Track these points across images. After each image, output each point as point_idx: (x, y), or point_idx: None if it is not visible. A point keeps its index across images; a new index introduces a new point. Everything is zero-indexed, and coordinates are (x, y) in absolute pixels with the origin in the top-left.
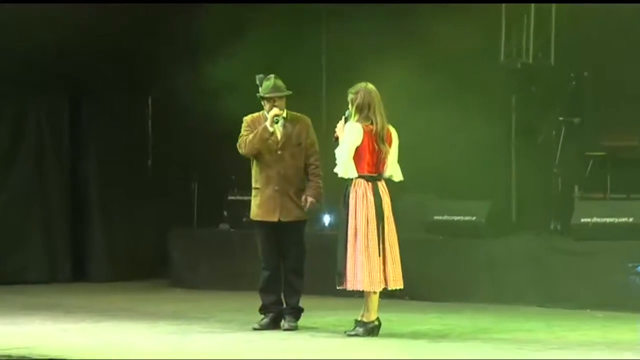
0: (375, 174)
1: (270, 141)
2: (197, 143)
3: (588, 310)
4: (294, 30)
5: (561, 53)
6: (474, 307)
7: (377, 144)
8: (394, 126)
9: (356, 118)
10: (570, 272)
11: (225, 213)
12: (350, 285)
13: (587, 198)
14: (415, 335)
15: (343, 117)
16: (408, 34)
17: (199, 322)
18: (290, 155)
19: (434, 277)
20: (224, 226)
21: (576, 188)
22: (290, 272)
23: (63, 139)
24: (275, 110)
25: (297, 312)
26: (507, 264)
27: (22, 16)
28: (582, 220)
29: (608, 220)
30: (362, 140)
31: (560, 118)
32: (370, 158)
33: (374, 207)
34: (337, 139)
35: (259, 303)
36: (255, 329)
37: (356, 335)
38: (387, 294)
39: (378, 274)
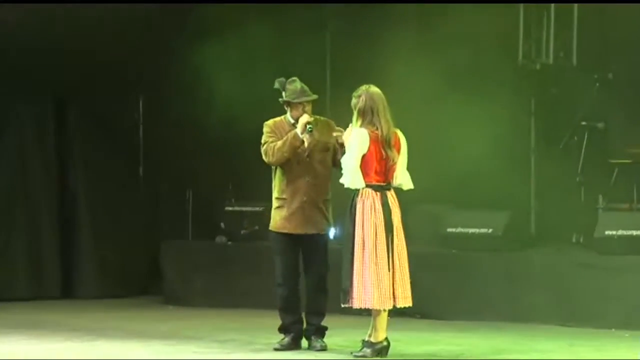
0: (384, 183)
1: (298, 149)
2: (191, 150)
3: (613, 329)
4: (297, 30)
5: (584, 53)
6: (490, 326)
7: (385, 151)
8: (404, 131)
9: (359, 123)
10: (594, 288)
11: (222, 225)
12: (357, 303)
13: (612, 209)
14: (426, 356)
15: (350, 125)
16: (418, 33)
17: (194, 342)
18: (318, 162)
19: (447, 294)
20: (220, 239)
21: (600, 198)
22: (314, 289)
23: (47, 146)
24: (306, 117)
25: (322, 331)
26: (526, 280)
27: (6, 16)
28: (607, 232)
29: (634, 232)
30: (369, 147)
31: (583, 123)
32: (377, 166)
33: (382, 219)
34: (342, 146)
35: (259, 321)
36: (276, 350)
37: (364, 356)
38: (396, 312)
39: (387, 291)
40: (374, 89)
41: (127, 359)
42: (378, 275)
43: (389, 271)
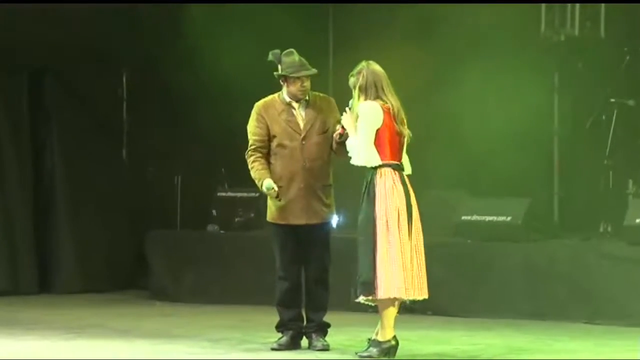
0: (399, 162)
1: (291, 129)
2: (180, 130)
3: None
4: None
5: (613, 23)
6: (508, 323)
7: (398, 125)
8: (414, 112)
9: (362, 100)
10: (623, 282)
11: (214, 212)
12: (384, 293)
13: None
14: (438, 356)
15: (347, 109)
16: (430, 2)
17: (184, 341)
18: (315, 145)
19: (461, 288)
20: (212, 228)
21: (630, 183)
22: (315, 283)
23: (22, 125)
24: (267, 186)
25: (324, 328)
26: (548, 273)
27: None
28: (638, 221)
29: None
30: (383, 120)
31: (612, 99)
32: (392, 143)
33: (404, 201)
34: (341, 134)
35: (255, 319)
36: (273, 349)
37: (369, 356)
38: (405, 309)
39: (411, 280)
40: (374, 64)
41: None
42: (404, 261)
43: (415, 258)
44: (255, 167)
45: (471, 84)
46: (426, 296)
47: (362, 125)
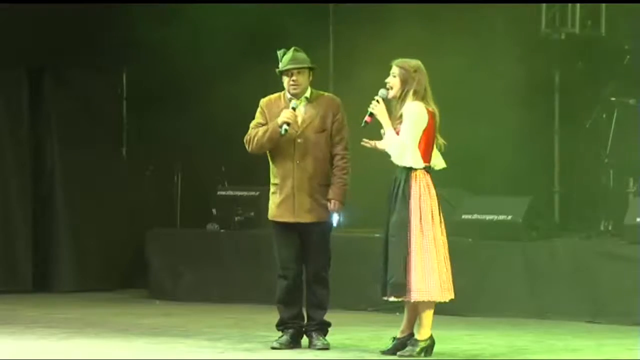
0: (430, 165)
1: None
2: (180, 129)
3: None
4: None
5: (613, 21)
6: (509, 322)
7: (434, 131)
8: None
9: (414, 99)
10: (624, 281)
11: (213, 211)
12: (419, 296)
13: None
14: (439, 356)
15: (379, 98)
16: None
17: (183, 340)
18: (312, 143)
19: (462, 287)
20: (212, 226)
21: (631, 182)
22: (314, 282)
23: (22, 122)
24: (288, 113)
25: (324, 327)
26: (549, 272)
27: None
28: (638, 220)
29: None
30: (427, 122)
31: (613, 98)
32: (426, 146)
33: (437, 202)
34: (367, 123)
35: (254, 318)
36: (273, 348)
37: (410, 355)
38: (403, 308)
39: (447, 281)
40: (424, 68)
41: (108, 359)
42: (439, 264)
43: (445, 260)
44: (262, 130)
45: (471, 84)
46: (452, 297)
47: (411, 125)
